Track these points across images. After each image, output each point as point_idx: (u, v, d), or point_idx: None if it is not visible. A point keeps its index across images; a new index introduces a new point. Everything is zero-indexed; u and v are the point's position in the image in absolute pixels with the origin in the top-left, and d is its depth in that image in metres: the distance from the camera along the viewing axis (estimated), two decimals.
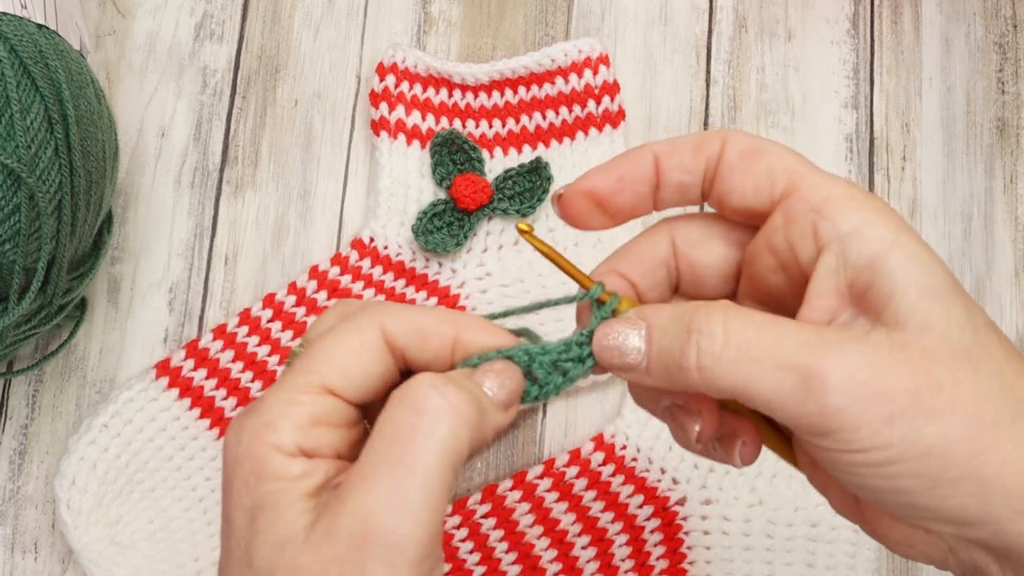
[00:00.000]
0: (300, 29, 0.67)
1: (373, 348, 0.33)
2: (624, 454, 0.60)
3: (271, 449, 0.32)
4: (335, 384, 0.33)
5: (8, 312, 0.52)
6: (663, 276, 0.36)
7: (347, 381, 0.33)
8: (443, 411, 0.31)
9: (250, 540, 0.32)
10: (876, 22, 0.68)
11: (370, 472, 0.31)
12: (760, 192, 0.33)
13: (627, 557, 0.59)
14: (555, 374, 0.34)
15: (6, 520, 0.60)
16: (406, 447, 0.31)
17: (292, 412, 0.32)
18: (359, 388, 0.33)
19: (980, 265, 0.65)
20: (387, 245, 0.63)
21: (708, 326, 0.31)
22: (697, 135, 0.35)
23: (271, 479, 0.32)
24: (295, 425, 0.32)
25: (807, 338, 0.30)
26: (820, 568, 0.59)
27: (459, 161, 0.63)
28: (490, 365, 0.34)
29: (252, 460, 0.32)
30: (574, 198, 0.35)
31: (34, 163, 0.51)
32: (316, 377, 0.33)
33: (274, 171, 0.65)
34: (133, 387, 0.59)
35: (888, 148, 0.67)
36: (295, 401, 0.32)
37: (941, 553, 0.33)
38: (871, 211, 0.32)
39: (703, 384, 0.31)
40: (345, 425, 0.33)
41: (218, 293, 0.63)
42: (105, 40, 0.66)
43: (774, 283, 0.34)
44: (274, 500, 0.32)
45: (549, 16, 0.68)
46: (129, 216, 0.64)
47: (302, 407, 0.32)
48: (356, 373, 0.33)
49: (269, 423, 0.32)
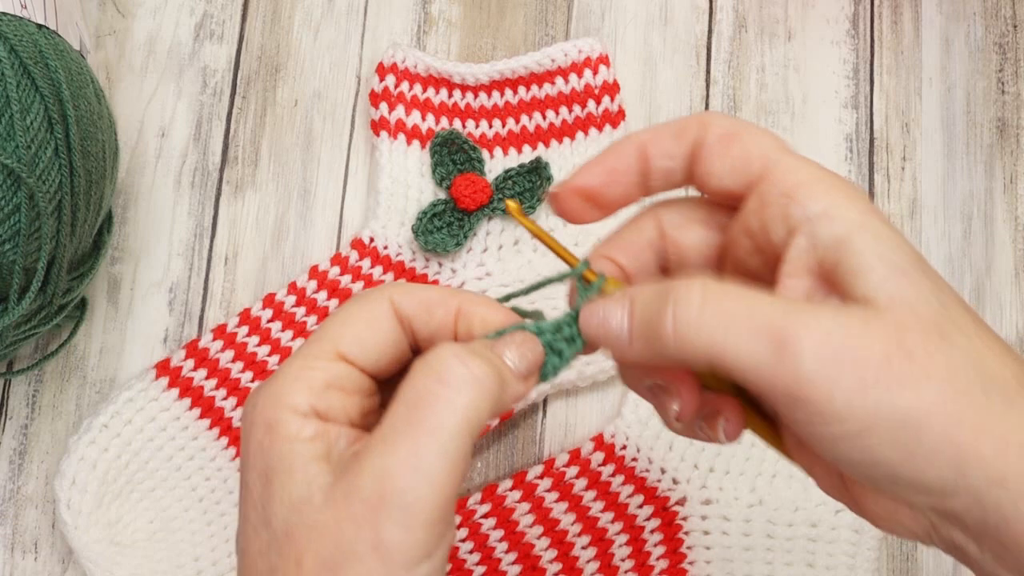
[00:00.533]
0: (300, 29, 0.67)
1: (384, 318, 0.35)
2: (624, 454, 0.60)
3: (284, 409, 0.33)
4: (348, 351, 0.34)
5: (8, 312, 0.52)
6: (651, 259, 0.37)
7: (360, 348, 0.34)
8: (465, 381, 0.32)
9: (266, 502, 0.33)
10: (876, 22, 0.69)
11: (391, 435, 0.32)
12: (737, 175, 0.34)
13: (627, 557, 0.59)
14: (551, 355, 0.35)
15: (6, 520, 0.60)
16: (427, 413, 0.32)
17: (306, 376, 0.34)
18: (372, 356, 0.34)
19: (980, 265, 0.65)
20: (387, 245, 0.63)
21: (686, 294, 0.32)
22: (678, 121, 0.36)
23: (284, 440, 0.33)
24: (309, 388, 0.33)
25: (783, 306, 0.31)
26: (820, 568, 0.59)
27: (459, 161, 0.63)
28: (511, 336, 0.35)
29: (265, 422, 0.33)
30: (567, 196, 0.36)
31: (34, 163, 0.51)
32: (329, 344, 0.34)
33: (274, 171, 0.65)
34: (133, 387, 0.59)
35: (888, 148, 0.67)
36: (309, 366, 0.34)
37: (924, 529, 0.33)
38: (839, 194, 0.33)
39: (678, 350, 0.32)
40: (359, 393, 0.34)
41: (218, 293, 0.63)
42: (105, 40, 0.66)
43: (753, 265, 0.35)
44: (288, 462, 0.32)
45: (549, 16, 0.68)
46: (129, 216, 0.64)
47: (316, 371, 0.34)
48: (368, 341, 0.34)
49: (283, 386, 0.33)
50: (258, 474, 0.33)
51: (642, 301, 0.33)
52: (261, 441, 0.33)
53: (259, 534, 0.33)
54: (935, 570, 0.61)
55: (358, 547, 0.31)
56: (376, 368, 0.35)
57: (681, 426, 0.37)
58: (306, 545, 0.32)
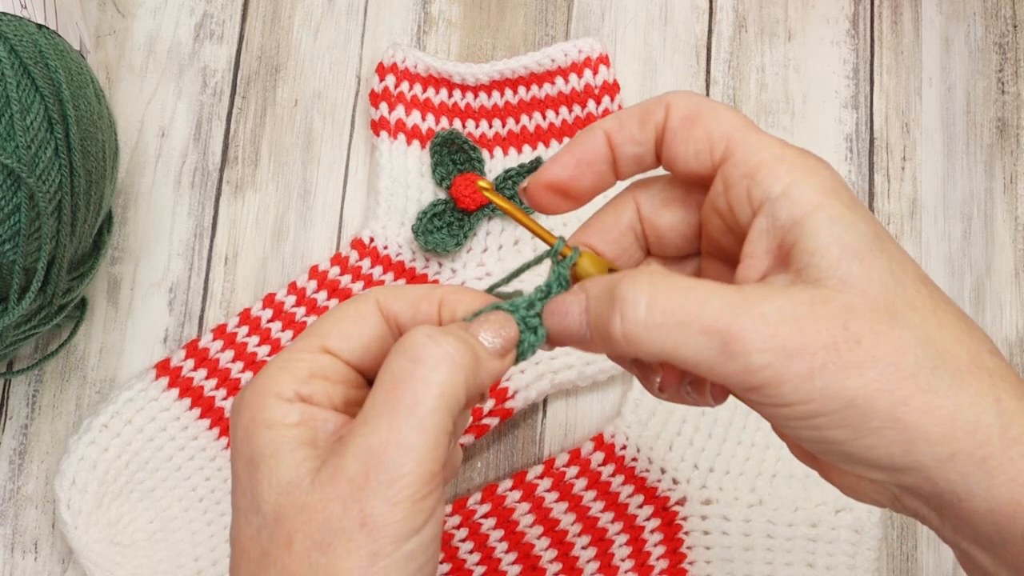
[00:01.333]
0: (300, 29, 0.67)
1: (368, 315, 0.36)
2: (624, 454, 0.60)
3: (268, 396, 0.34)
4: (332, 344, 0.35)
5: (8, 312, 0.52)
6: (631, 241, 0.38)
7: (345, 342, 0.35)
8: (438, 358, 0.33)
9: (255, 488, 0.33)
10: (876, 22, 0.69)
11: (371, 416, 0.33)
12: (701, 157, 0.35)
13: (627, 557, 0.59)
14: (526, 331, 0.36)
15: (6, 520, 0.60)
16: (404, 391, 0.32)
17: (291, 367, 0.35)
18: (357, 349, 0.35)
19: (980, 265, 0.65)
20: (387, 245, 0.63)
21: (632, 294, 0.32)
22: (643, 104, 0.36)
23: (268, 426, 0.33)
24: (293, 376, 0.34)
25: (729, 299, 0.32)
26: (820, 568, 0.59)
27: (459, 161, 0.63)
28: (486, 316, 0.35)
29: (251, 408, 0.34)
30: (538, 191, 0.37)
31: (34, 163, 0.51)
32: (316, 339, 0.35)
33: (274, 171, 0.65)
34: (133, 387, 0.59)
35: (888, 148, 0.67)
36: (294, 359, 0.35)
37: (888, 499, 0.34)
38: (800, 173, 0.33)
39: (631, 350, 0.32)
40: (343, 383, 0.35)
41: (218, 293, 0.63)
42: (105, 40, 0.66)
43: (726, 243, 0.36)
44: (273, 448, 0.33)
45: (549, 16, 0.68)
46: (129, 216, 0.64)
47: (301, 362, 0.35)
48: (353, 335, 0.35)
49: (268, 377, 0.34)
50: (245, 462, 0.34)
51: (595, 297, 0.34)
52: (247, 428, 0.34)
53: (250, 521, 0.33)
54: (935, 570, 0.61)
55: (346, 524, 0.32)
56: (361, 362, 0.35)
57: (667, 395, 0.37)
58: (296, 527, 0.32)
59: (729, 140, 0.34)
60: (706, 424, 0.61)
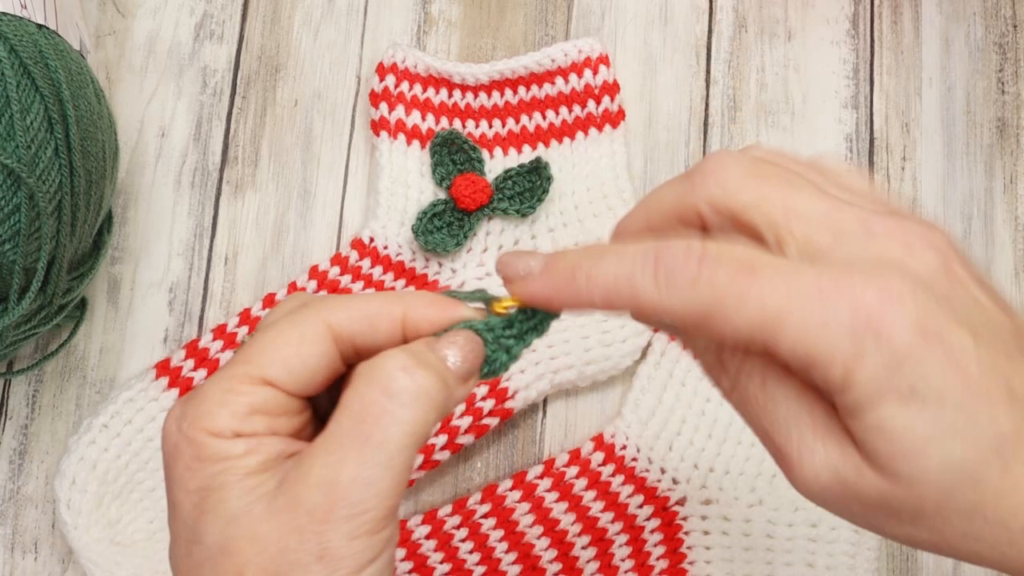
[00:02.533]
0: (300, 29, 0.67)
1: (315, 341, 0.33)
2: (624, 454, 0.60)
3: (209, 435, 0.32)
4: (274, 376, 0.33)
5: (8, 312, 0.52)
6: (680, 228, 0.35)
7: (287, 373, 0.33)
8: (412, 395, 0.32)
9: (197, 519, 0.32)
10: (876, 22, 0.69)
11: (336, 448, 0.31)
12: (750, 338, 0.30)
13: (627, 557, 0.59)
14: (499, 351, 0.34)
15: (6, 520, 0.60)
16: (375, 427, 0.31)
17: (229, 401, 0.32)
18: (299, 380, 0.33)
19: (980, 265, 0.65)
20: (387, 245, 0.63)
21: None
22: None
23: (214, 461, 0.32)
24: (232, 414, 0.32)
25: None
26: (820, 568, 0.59)
27: (459, 161, 0.63)
28: (453, 336, 0.34)
29: (191, 445, 0.32)
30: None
31: (34, 163, 0.51)
32: (255, 368, 0.33)
33: (274, 171, 0.65)
34: (133, 387, 0.59)
35: (888, 148, 0.67)
36: (233, 390, 0.33)
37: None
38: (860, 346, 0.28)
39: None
40: (285, 414, 0.34)
41: (218, 293, 0.63)
42: (105, 40, 0.66)
43: None
44: (221, 480, 0.32)
45: (549, 16, 0.68)
46: (129, 216, 0.64)
47: (240, 396, 0.33)
48: (296, 365, 0.33)
49: (207, 411, 0.32)
50: (188, 493, 0.32)
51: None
52: (189, 464, 0.32)
53: (191, 553, 0.32)
54: (935, 570, 0.61)
55: (303, 557, 0.31)
56: (304, 389, 0.34)
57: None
58: (247, 558, 0.31)
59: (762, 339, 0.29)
60: (706, 424, 0.61)
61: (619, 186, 0.64)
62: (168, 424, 0.33)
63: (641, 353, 0.62)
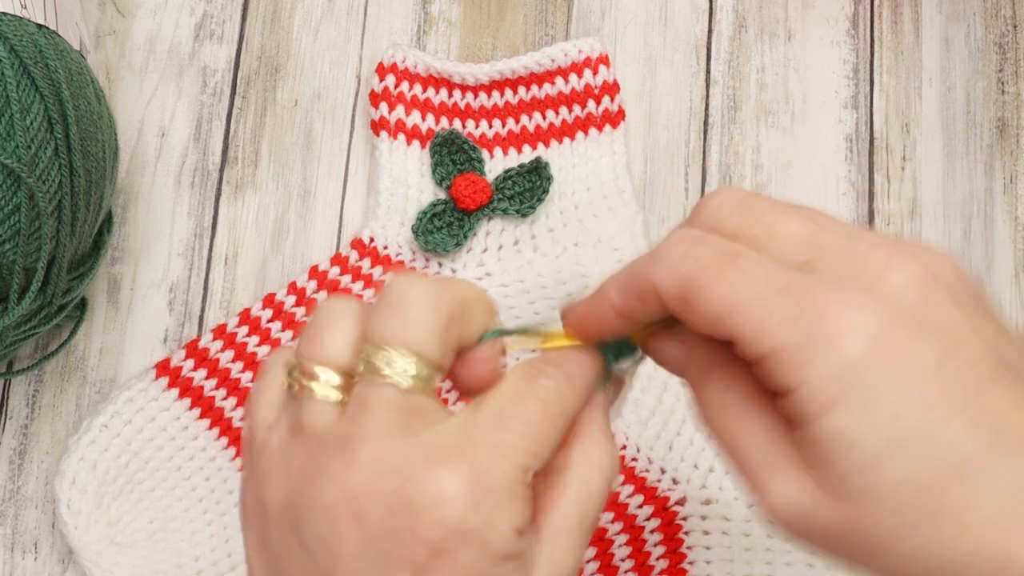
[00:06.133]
0: (300, 29, 0.67)
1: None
2: (624, 454, 0.60)
3: (512, 531, 0.29)
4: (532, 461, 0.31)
5: (8, 312, 0.52)
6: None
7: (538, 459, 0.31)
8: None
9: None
10: (876, 22, 0.69)
11: (565, 537, 0.31)
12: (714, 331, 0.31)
13: (627, 557, 0.59)
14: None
15: (6, 520, 0.60)
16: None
17: (519, 492, 0.30)
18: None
19: (980, 265, 0.65)
20: (387, 245, 0.63)
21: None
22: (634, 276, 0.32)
23: (506, 559, 0.29)
24: (524, 500, 0.30)
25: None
26: (820, 568, 0.59)
27: (459, 161, 0.63)
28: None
29: (485, 543, 0.29)
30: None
31: (34, 163, 0.51)
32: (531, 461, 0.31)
33: (274, 171, 0.65)
34: (133, 387, 0.59)
35: (888, 148, 0.67)
36: (522, 481, 0.30)
37: None
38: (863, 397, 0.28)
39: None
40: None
41: (218, 293, 0.63)
42: (105, 40, 0.66)
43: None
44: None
45: (549, 16, 0.68)
46: (129, 216, 0.64)
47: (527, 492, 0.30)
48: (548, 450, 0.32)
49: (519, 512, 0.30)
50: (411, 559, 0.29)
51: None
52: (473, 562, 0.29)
53: None
54: None
55: None
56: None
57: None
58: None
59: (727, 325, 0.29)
60: None
61: (619, 186, 0.64)
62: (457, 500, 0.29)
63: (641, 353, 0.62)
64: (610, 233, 0.62)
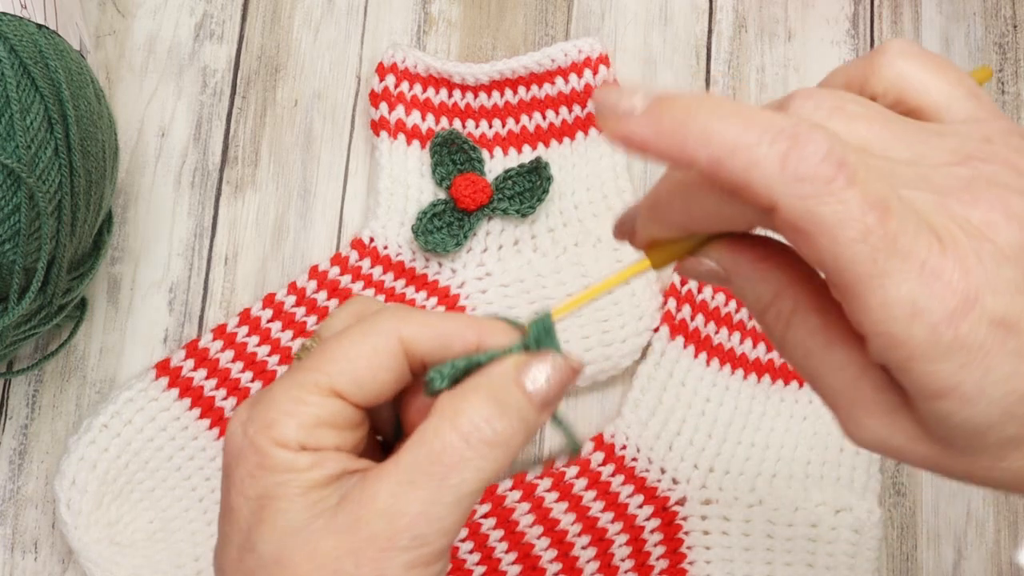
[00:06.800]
0: (300, 29, 0.67)
1: (388, 355, 0.33)
2: (624, 454, 0.60)
3: (275, 444, 0.32)
4: (344, 389, 0.32)
5: (8, 312, 0.52)
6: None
7: (357, 387, 0.33)
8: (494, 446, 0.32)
9: (254, 527, 0.32)
10: (876, 22, 0.69)
11: (407, 480, 0.31)
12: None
13: (627, 557, 0.59)
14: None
15: (6, 520, 0.60)
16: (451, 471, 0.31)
17: (298, 411, 0.32)
18: (368, 394, 0.33)
19: None
20: (387, 245, 0.63)
21: None
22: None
23: (278, 471, 0.32)
24: (299, 424, 0.32)
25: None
26: (820, 568, 0.59)
27: (459, 161, 0.63)
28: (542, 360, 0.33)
29: (257, 453, 0.32)
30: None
31: (34, 163, 0.51)
32: (325, 378, 0.32)
33: (274, 171, 0.65)
34: (133, 387, 0.59)
35: None
36: (301, 400, 0.32)
37: None
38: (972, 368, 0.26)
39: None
40: (349, 427, 0.33)
41: (218, 293, 0.63)
42: (105, 40, 0.66)
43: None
44: (283, 490, 0.32)
45: (549, 16, 0.68)
46: (129, 216, 0.64)
47: (308, 407, 0.32)
48: (367, 379, 0.33)
49: (274, 420, 0.32)
50: (248, 500, 0.32)
51: None
52: (252, 471, 0.32)
53: (243, 559, 0.32)
54: (935, 570, 0.61)
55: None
56: (371, 403, 0.33)
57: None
58: (302, 572, 0.31)
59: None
60: (706, 424, 0.61)
61: (619, 186, 0.64)
62: (233, 426, 0.33)
63: (641, 353, 0.62)
64: (608, 232, 0.62)
